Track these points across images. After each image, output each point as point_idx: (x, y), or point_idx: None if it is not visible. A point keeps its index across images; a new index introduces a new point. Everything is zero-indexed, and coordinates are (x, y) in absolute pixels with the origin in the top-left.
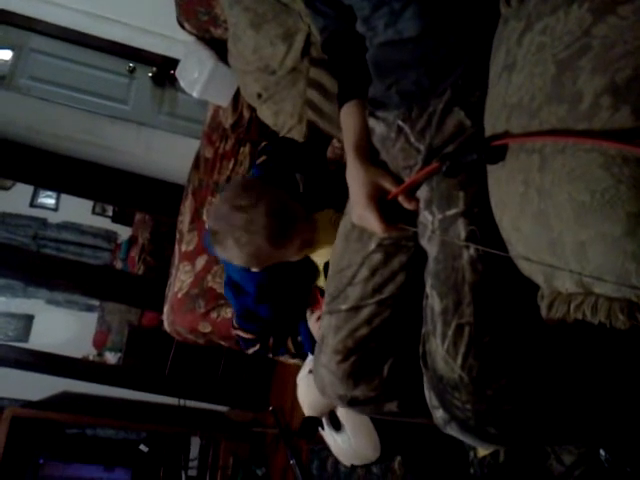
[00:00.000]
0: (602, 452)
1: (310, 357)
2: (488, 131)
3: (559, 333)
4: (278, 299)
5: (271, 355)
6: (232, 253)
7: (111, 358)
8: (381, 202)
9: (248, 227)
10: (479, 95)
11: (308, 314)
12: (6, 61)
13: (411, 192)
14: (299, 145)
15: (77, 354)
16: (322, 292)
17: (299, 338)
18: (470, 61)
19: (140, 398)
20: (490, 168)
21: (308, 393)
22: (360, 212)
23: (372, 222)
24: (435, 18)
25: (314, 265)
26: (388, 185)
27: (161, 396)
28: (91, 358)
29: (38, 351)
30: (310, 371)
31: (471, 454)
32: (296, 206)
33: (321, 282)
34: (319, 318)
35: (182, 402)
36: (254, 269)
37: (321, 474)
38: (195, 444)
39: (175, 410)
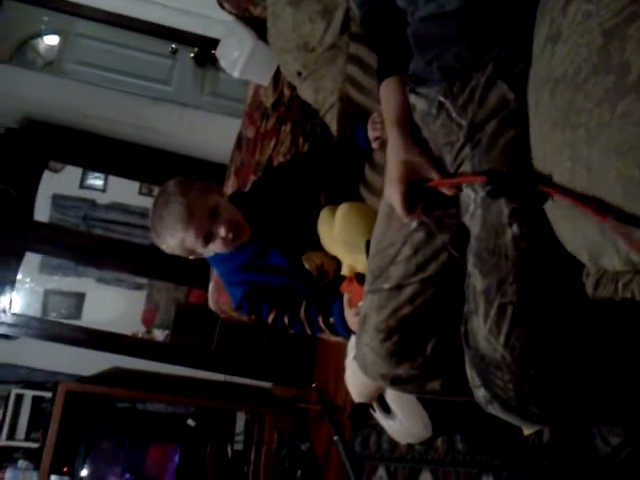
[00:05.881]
0: None
1: (353, 341)
2: (531, 107)
3: (604, 311)
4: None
5: (308, 330)
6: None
7: (159, 335)
8: (413, 185)
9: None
10: (522, 68)
11: (346, 305)
12: (53, 46)
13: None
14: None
15: (127, 331)
16: (361, 278)
17: (331, 320)
18: (513, 33)
19: (188, 374)
20: (534, 144)
21: (355, 380)
22: (388, 191)
23: (395, 205)
24: None
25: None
26: (424, 170)
27: (208, 372)
28: (140, 335)
29: (90, 328)
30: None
31: None
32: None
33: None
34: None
35: (228, 378)
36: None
37: (364, 451)
38: (241, 419)
39: (221, 386)
